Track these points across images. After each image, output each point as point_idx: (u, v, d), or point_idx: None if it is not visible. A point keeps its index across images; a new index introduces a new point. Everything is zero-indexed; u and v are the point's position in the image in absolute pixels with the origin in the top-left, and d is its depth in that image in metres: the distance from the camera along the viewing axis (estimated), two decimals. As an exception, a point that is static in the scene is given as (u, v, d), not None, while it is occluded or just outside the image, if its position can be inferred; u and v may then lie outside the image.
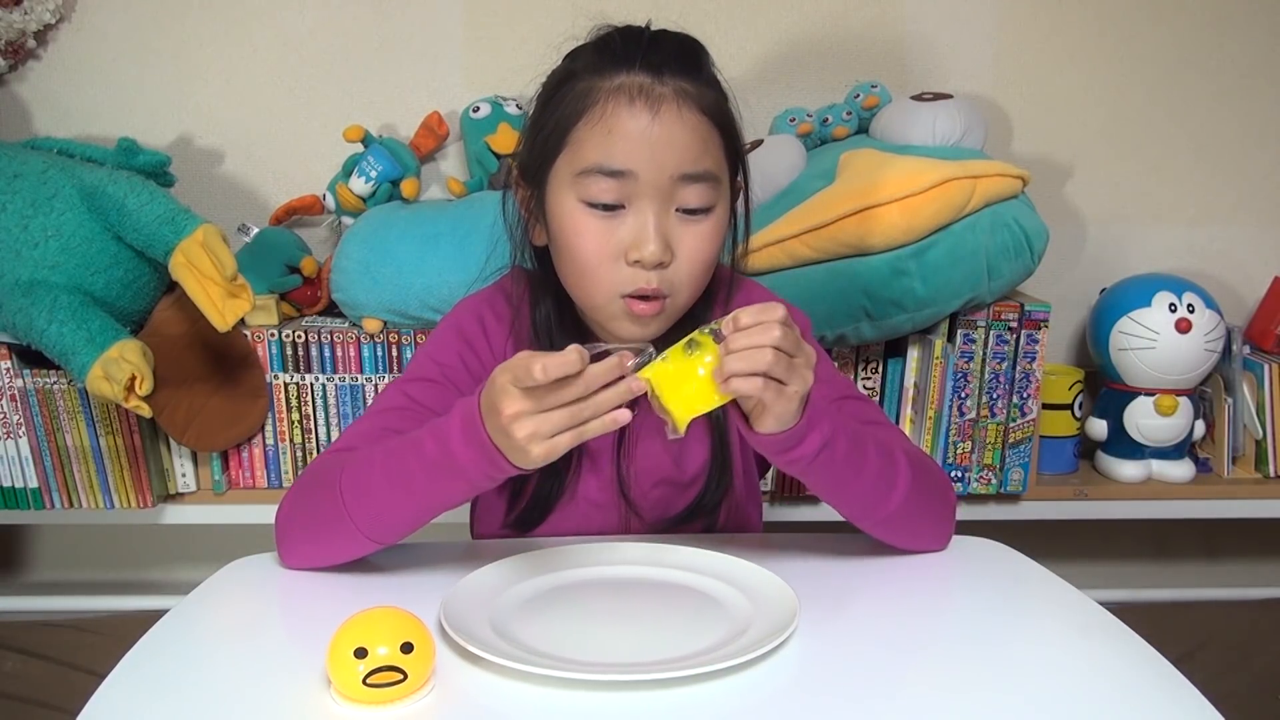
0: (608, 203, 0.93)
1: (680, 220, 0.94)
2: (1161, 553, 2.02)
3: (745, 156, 1.01)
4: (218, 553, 1.02)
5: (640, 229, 0.93)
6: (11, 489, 1.60)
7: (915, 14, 1.76)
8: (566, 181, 0.95)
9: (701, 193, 0.94)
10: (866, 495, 0.93)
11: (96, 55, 1.71)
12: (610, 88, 0.92)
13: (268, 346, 1.60)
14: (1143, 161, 1.83)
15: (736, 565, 0.93)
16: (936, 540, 1.00)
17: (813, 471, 0.88)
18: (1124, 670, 0.80)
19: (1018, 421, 1.63)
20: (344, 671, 0.72)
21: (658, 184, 0.92)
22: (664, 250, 0.93)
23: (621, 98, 0.92)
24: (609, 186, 0.92)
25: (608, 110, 0.92)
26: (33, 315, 1.41)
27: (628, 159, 0.92)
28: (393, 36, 1.73)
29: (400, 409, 1.01)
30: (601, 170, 0.92)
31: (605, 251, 0.94)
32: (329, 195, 1.68)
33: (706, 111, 0.94)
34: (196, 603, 0.91)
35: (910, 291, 1.49)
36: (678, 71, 0.93)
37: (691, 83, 0.94)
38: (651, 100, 0.91)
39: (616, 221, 0.94)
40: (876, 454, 0.92)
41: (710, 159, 0.94)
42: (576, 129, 0.93)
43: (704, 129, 0.94)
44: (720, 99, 0.97)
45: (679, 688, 0.75)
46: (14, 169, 1.47)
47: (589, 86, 0.93)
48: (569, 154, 0.94)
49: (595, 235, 0.94)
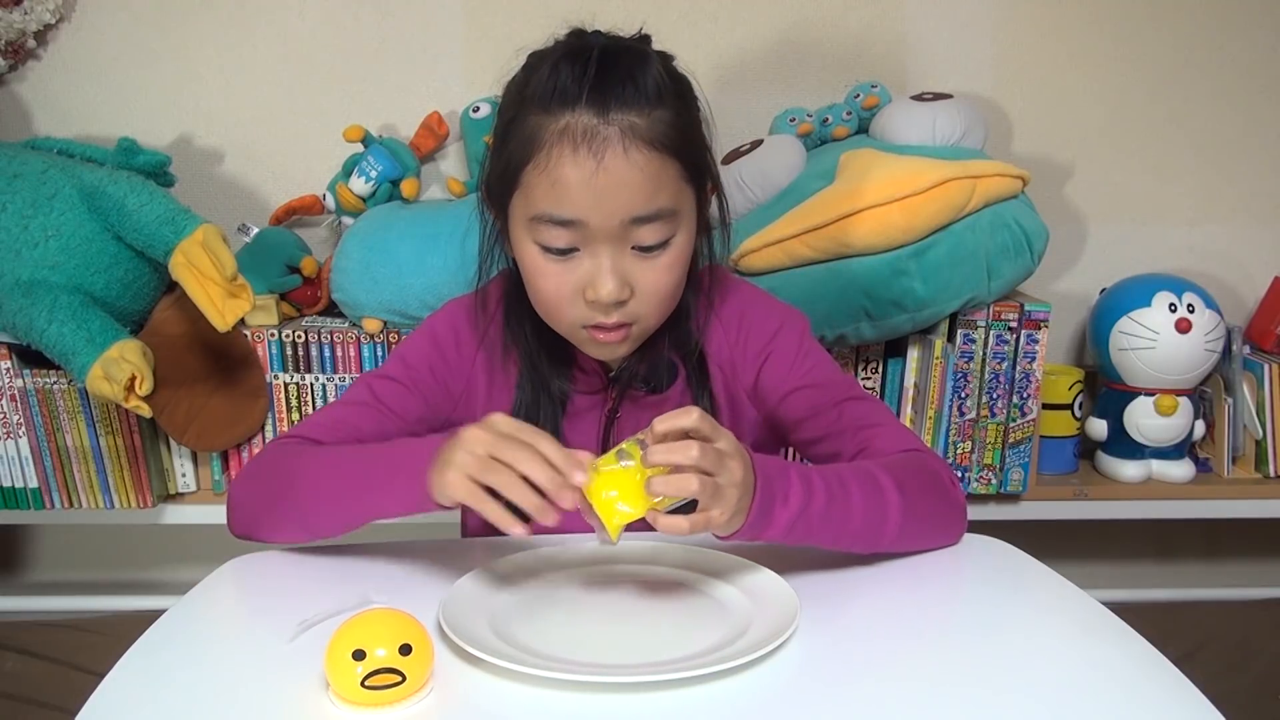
0: (560, 247, 0.93)
1: (637, 256, 0.93)
2: (1162, 553, 2.02)
3: (712, 166, 0.99)
4: (218, 553, 1.02)
5: (595, 271, 0.92)
6: (11, 489, 1.60)
7: (915, 14, 1.76)
8: (522, 222, 0.94)
9: (656, 230, 0.92)
10: (861, 535, 0.92)
11: (96, 55, 1.71)
12: (556, 130, 0.89)
13: (268, 346, 1.60)
14: (1143, 161, 1.83)
15: (736, 565, 0.92)
16: (947, 538, 0.99)
17: (793, 538, 0.87)
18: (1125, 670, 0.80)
19: (1018, 421, 1.63)
20: (342, 674, 0.71)
21: (608, 230, 0.91)
22: (620, 289, 0.93)
23: (565, 145, 0.89)
24: (560, 234, 0.92)
25: (552, 158, 0.89)
26: (33, 315, 1.41)
27: (575, 209, 0.90)
28: (393, 36, 1.73)
29: (362, 404, 1.03)
30: (550, 219, 0.91)
31: (564, 291, 0.94)
32: (329, 195, 1.68)
33: (657, 144, 0.90)
34: (195, 602, 0.91)
35: (910, 291, 1.49)
36: (625, 104, 0.89)
37: (640, 112, 0.89)
38: (595, 146, 0.88)
39: (573, 263, 0.93)
40: (860, 490, 0.90)
41: (664, 194, 0.91)
42: (526, 171, 0.92)
43: (655, 164, 0.90)
44: (675, 117, 0.92)
45: (679, 688, 0.75)
46: (14, 169, 1.47)
47: (537, 126, 0.90)
48: (521, 195, 0.93)
49: (553, 276, 0.94)
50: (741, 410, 1.08)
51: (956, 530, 1.00)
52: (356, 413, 1.03)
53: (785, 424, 1.06)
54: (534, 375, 1.04)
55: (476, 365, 1.06)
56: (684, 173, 0.93)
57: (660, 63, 0.93)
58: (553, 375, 1.04)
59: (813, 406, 1.04)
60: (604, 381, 1.06)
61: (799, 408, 1.04)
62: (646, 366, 1.04)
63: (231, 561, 0.98)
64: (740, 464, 0.82)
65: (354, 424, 1.01)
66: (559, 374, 1.04)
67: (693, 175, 0.95)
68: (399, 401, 1.03)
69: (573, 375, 1.05)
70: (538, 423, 0.99)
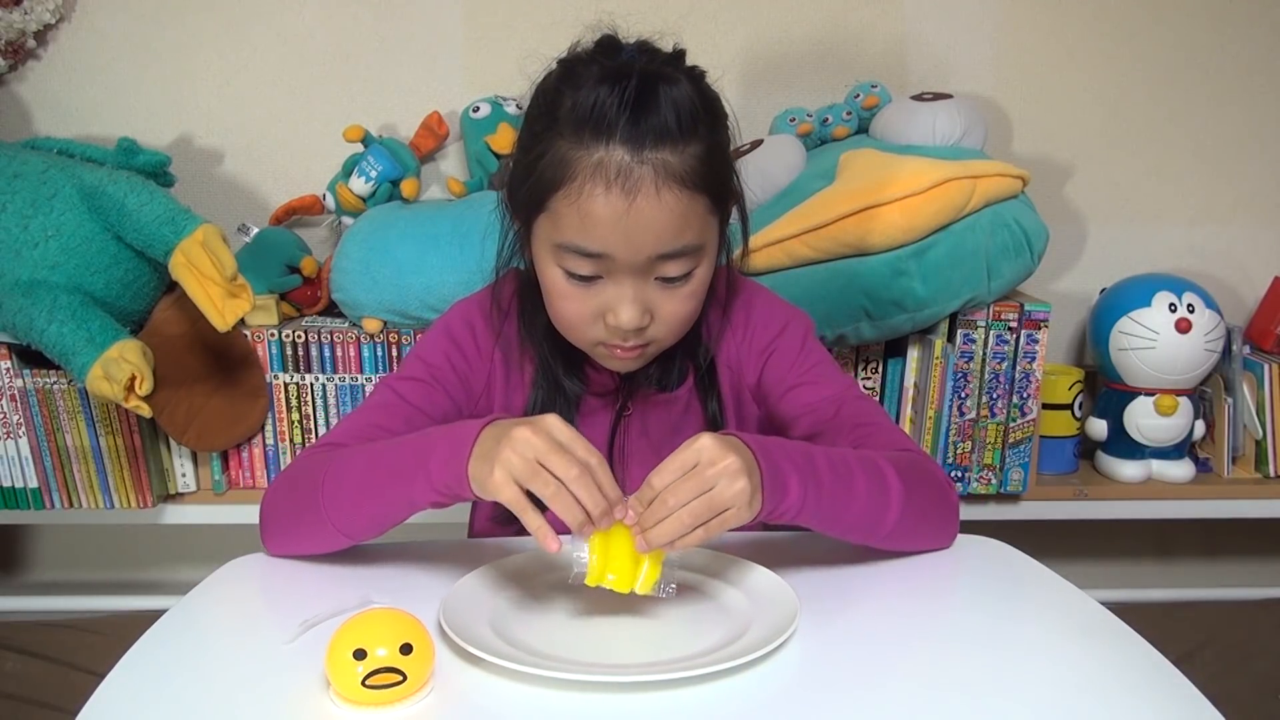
0: (584, 274, 0.93)
1: (660, 287, 0.94)
2: (1162, 553, 2.02)
3: (737, 182, 0.99)
4: (217, 553, 1.02)
5: (617, 299, 0.93)
6: (11, 489, 1.60)
7: (915, 14, 1.76)
8: (546, 244, 0.94)
9: (681, 264, 0.93)
10: (861, 521, 0.92)
11: (96, 55, 1.71)
12: (589, 164, 0.88)
13: (268, 346, 1.60)
14: (1143, 161, 1.83)
15: (736, 565, 0.92)
16: (941, 540, 1.00)
17: (804, 517, 0.87)
18: (1125, 670, 0.80)
19: (1018, 421, 1.63)
20: (343, 673, 0.71)
21: (634, 264, 0.91)
22: (641, 317, 0.94)
23: (599, 181, 0.88)
24: (585, 264, 0.92)
25: (584, 191, 0.89)
26: (33, 315, 1.41)
27: (603, 244, 0.90)
28: (393, 36, 1.73)
29: (388, 406, 1.02)
30: (577, 250, 0.91)
31: (584, 313, 0.95)
32: (329, 195, 1.68)
33: (688, 181, 0.90)
34: (195, 602, 0.91)
35: (910, 291, 1.49)
36: (660, 141, 0.88)
37: (674, 149, 0.89)
38: (629, 186, 0.88)
39: (596, 289, 0.94)
40: (864, 475, 0.91)
41: (691, 231, 0.92)
42: (555, 197, 0.91)
43: (684, 204, 0.90)
44: (707, 151, 0.91)
45: (679, 688, 0.75)
46: (14, 169, 1.47)
47: (569, 155, 0.89)
48: (549, 219, 0.93)
49: (574, 299, 0.95)
50: (746, 409, 1.10)
51: (950, 532, 1.00)
52: (383, 414, 1.01)
53: (783, 420, 1.07)
54: (548, 374, 1.05)
55: (494, 361, 1.07)
56: (711, 206, 0.94)
57: (692, 86, 0.92)
58: (566, 375, 1.04)
59: (810, 404, 1.04)
60: (616, 383, 1.07)
61: (797, 404, 1.05)
62: (658, 368, 1.05)
63: (232, 562, 0.98)
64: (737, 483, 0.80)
65: (383, 425, 1.00)
66: (572, 374, 1.05)
67: (718, 205, 0.95)
68: (425, 399, 1.03)
69: (586, 376, 1.06)
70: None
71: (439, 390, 1.04)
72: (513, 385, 1.07)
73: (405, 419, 1.01)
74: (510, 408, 1.07)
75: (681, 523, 0.79)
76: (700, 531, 0.80)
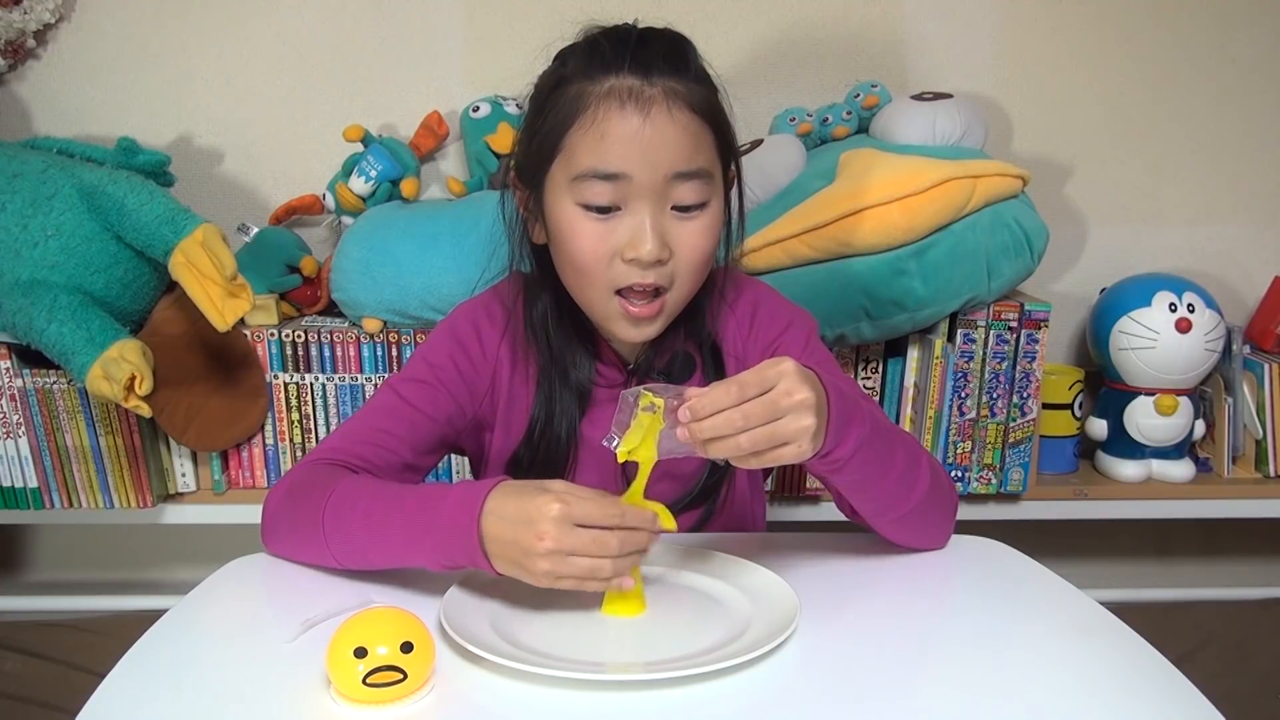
0: (603, 205, 0.94)
1: (675, 218, 0.96)
2: (1161, 552, 2.02)
3: (737, 150, 1.02)
4: (217, 553, 1.02)
5: (637, 229, 0.94)
6: (11, 489, 1.60)
7: (915, 14, 1.76)
8: (563, 185, 0.96)
9: (696, 189, 0.95)
10: (890, 493, 0.93)
11: (96, 55, 1.71)
12: (600, 92, 0.93)
13: (267, 346, 1.60)
14: (1143, 161, 1.83)
15: (736, 565, 0.92)
16: (940, 538, 1.01)
17: (848, 470, 0.88)
18: (1124, 670, 0.80)
19: (1018, 421, 1.63)
20: (344, 671, 0.72)
21: (652, 184, 0.93)
22: (661, 248, 0.94)
23: (612, 102, 0.93)
24: (604, 190, 0.94)
25: (599, 115, 0.93)
26: (33, 315, 1.41)
27: (621, 162, 0.93)
28: (393, 36, 1.72)
29: (391, 409, 1.03)
30: (596, 174, 0.93)
31: (602, 251, 0.96)
32: (329, 195, 1.68)
33: (696, 109, 0.95)
34: (196, 602, 0.91)
35: (910, 291, 1.49)
36: (666, 71, 0.94)
37: (680, 81, 0.94)
38: (641, 102, 0.92)
39: (613, 223, 0.95)
40: (903, 451, 0.93)
41: (703, 156, 0.95)
42: (570, 134, 0.94)
43: (695, 126, 0.94)
44: (710, 94, 0.97)
45: (679, 688, 0.75)
46: (14, 169, 1.47)
47: (579, 91, 0.94)
48: (564, 159, 0.95)
49: (592, 236, 0.95)
50: None
51: (948, 531, 1.02)
52: (387, 419, 1.03)
53: None
54: (555, 369, 1.05)
55: (500, 360, 1.07)
56: (717, 145, 0.97)
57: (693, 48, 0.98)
58: (573, 368, 1.05)
59: None
60: (623, 375, 1.07)
61: None
62: (664, 360, 1.06)
63: (233, 561, 0.98)
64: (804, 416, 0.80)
65: (386, 430, 1.02)
66: (580, 367, 1.05)
67: (724, 152, 0.99)
68: (429, 402, 1.04)
69: (593, 368, 1.06)
70: (556, 416, 1.03)
71: (442, 391, 1.05)
72: (518, 384, 1.07)
73: (409, 424, 1.03)
74: (515, 406, 1.07)
75: (739, 447, 0.79)
76: (753, 460, 0.81)
